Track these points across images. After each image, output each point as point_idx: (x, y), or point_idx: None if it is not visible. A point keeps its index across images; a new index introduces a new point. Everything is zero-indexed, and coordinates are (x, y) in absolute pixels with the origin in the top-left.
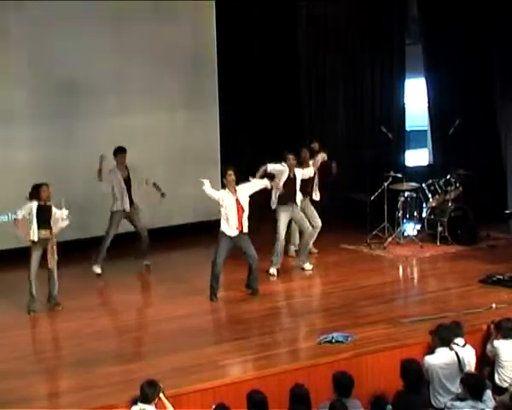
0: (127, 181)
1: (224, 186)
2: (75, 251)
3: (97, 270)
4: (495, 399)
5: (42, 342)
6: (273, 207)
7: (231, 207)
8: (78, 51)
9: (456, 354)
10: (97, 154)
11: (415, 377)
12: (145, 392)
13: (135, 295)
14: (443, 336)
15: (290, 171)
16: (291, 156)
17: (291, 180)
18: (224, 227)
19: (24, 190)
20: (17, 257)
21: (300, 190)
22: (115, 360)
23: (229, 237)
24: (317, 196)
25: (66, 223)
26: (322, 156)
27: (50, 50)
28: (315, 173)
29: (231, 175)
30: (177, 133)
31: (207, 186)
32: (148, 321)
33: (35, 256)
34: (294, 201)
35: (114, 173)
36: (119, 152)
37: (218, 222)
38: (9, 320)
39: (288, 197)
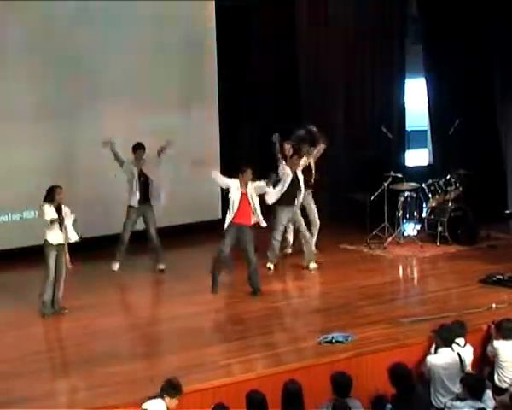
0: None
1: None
2: (77, 250)
3: (115, 266)
4: (495, 399)
5: (42, 342)
6: (270, 202)
7: (236, 200)
8: (78, 51)
9: (458, 354)
10: (97, 153)
11: (404, 380)
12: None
13: (135, 296)
14: (445, 336)
15: (293, 172)
16: (294, 157)
17: (294, 181)
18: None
19: (24, 190)
20: (17, 257)
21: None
22: (115, 360)
23: (234, 227)
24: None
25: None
26: (322, 147)
27: (51, 50)
28: (314, 163)
29: (249, 174)
30: (177, 133)
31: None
32: (149, 321)
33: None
34: (295, 202)
35: (131, 166)
36: (138, 148)
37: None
38: (10, 320)
39: (291, 198)
